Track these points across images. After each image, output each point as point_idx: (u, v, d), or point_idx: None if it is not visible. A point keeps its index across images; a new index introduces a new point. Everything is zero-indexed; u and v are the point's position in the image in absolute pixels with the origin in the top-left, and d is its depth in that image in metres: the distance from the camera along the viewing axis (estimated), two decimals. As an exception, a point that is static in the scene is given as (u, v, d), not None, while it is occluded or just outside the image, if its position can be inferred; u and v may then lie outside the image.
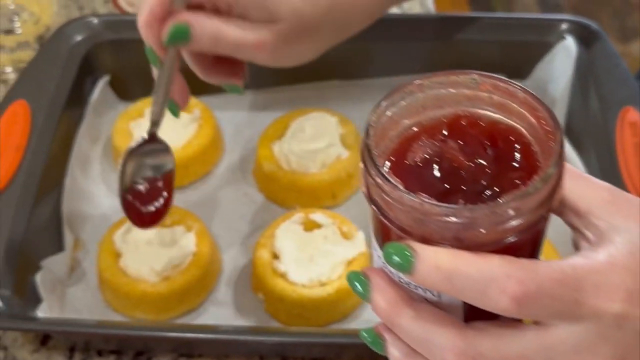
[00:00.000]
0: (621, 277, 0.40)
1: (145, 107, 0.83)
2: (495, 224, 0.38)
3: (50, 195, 0.76)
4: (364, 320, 0.71)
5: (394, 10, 0.94)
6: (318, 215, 0.74)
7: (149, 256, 0.72)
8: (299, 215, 0.75)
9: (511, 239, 0.39)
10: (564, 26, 0.82)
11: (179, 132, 0.81)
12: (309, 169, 0.78)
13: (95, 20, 0.85)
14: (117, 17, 0.90)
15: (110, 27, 0.85)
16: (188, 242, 0.73)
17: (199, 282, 0.72)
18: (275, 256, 0.73)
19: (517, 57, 0.84)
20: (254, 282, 0.73)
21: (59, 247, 0.74)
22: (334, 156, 0.79)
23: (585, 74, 0.80)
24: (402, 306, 0.41)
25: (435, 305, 0.42)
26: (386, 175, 0.40)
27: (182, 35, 0.61)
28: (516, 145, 0.42)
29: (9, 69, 0.92)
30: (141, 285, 0.71)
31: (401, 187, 0.39)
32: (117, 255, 0.73)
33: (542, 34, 0.83)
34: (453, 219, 0.38)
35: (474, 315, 0.41)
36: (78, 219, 0.78)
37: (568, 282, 0.39)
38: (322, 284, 0.70)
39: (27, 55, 0.93)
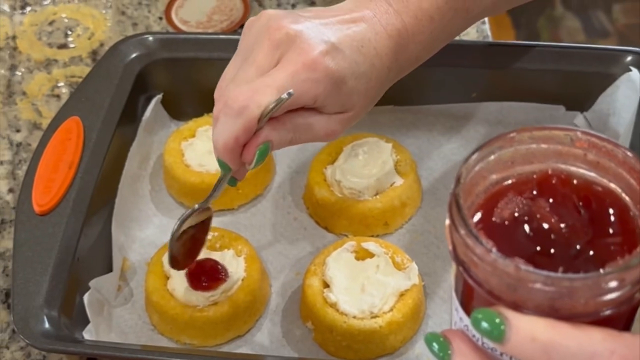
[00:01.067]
0: None
1: (197, 126, 0.83)
2: (595, 295, 0.37)
3: (101, 213, 0.75)
4: (415, 355, 0.69)
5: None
6: (370, 244, 0.73)
7: (197, 280, 0.71)
8: (350, 244, 0.73)
9: (609, 311, 0.37)
10: (629, 58, 0.80)
11: (231, 153, 0.80)
12: (362, 196, 0.77)
13: (150, 38, 0.84)
14: (171, 35, 0.90)
15: (164, 45, 0.84)
16: (237, 266, 0.72)
17: (248, 308, 0.71)
18: (326, 285, 0.71)
19: (578, 88, 0.82)
20: (303, 311, 0.71)
21: (108, 266, 0.73)
22: (388, 184, 0.77)
23: (650, 108, 0.77)
24: None
25: None
26: (478, 236, 0.38)
27: (265, 154, 0.62)
28: (612, 207, 0.40)
29: (61, 83, 0.91)
30: (188, 310, 0.70)
31: (494, 250, 0.37)
32: (166, 277, 0.72)
33: (606, 65, 0.81)
34: (551, 287, 0.36)
35: None
36: (127, 238, 0.77)
37: None
38: (373, 316, 0.69)
39: (79, 70, 0.92)
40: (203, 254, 0.71)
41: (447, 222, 0.39)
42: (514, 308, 0.38)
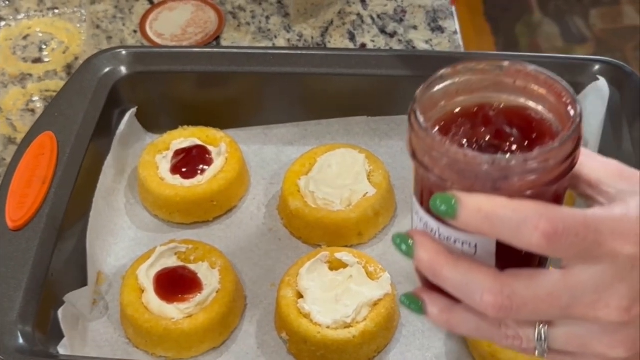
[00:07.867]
0: (633, 225, 0.45)
1: (171, 139, 0.83)
2: (527, 173, 0.44)
3: (75, 227, 0.75)
4: (389, 363, 0.70)
5: (423, 46, 0.94)
6: (344, 255, 0.73)
7: (172, 293, 0.71)
8: (324, 254, 0.74)
9: (538, 190, 0.45)
10: (597, 67, 0.81)
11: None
12: (335, 207, 0.77)
13: (123, 52, 0.85)
14: (145, 49, 0.90)
15: (138, 59, 0.85)
16: (212, 279, 0.72)
17: (223, 320, 0.71)
18: (300, 295, 0.72)
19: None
20: (278, 322, 0.72)
21: (83, 280, 0.73)
22: (361, 194, 0.78)
23: (617, 116, 0.78)
24: (444, 257, 0.47)
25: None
26: (434, 134, 0.46)
27: None
28: (537, 123, 0.48)
29: (36, 98, 0.92)
30: (163, 322, 0.70)
31: (447, 142, 0.45)
32: (141, 290, 0.72)
33: (574, 74, 0.81)
34: (491, 167, 0.44)
35: (505, 267, 0.47)
36: (102, 251, 0.77)
37: (590, 225, 0.45)
38: (347, 326, 0.69)
39: (54, 84, 0.93)
40: (175, 265, 0.72)
41: (407, 134, 0.47)
42: (464, 191, 0.45)
